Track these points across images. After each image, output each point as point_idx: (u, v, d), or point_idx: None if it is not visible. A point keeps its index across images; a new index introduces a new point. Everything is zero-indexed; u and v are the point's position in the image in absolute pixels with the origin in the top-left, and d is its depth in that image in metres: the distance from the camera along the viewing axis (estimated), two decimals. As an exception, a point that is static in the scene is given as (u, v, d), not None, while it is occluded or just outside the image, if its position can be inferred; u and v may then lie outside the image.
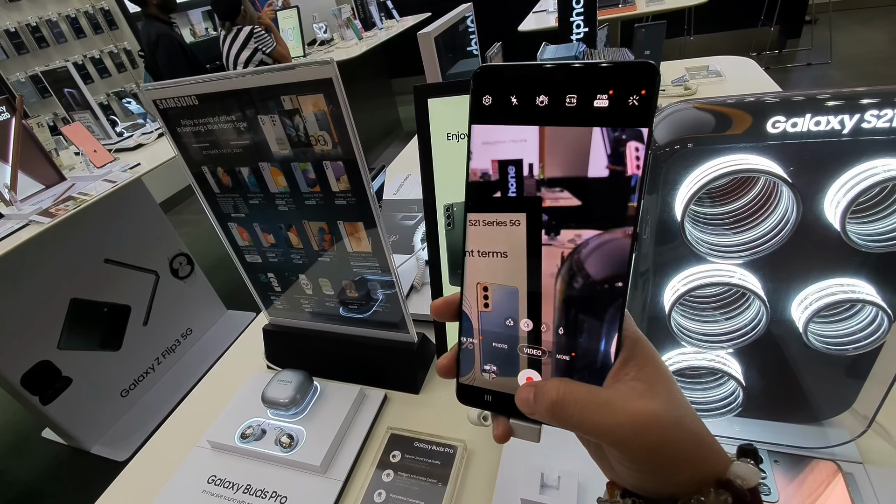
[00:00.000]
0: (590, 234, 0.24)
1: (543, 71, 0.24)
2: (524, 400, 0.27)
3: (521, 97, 0.24)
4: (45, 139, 2.08)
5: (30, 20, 3.45)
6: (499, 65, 0.25)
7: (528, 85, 0.24)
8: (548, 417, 0.25)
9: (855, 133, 0.38)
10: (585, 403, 0.24)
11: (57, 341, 1.88)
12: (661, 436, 0.23)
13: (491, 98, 0.25)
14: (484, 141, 0.25)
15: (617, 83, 0.22)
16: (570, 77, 0.23)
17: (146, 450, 0.76)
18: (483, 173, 0.26)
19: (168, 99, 0.60)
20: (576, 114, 0.23)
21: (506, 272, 0.27)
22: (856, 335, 0.47)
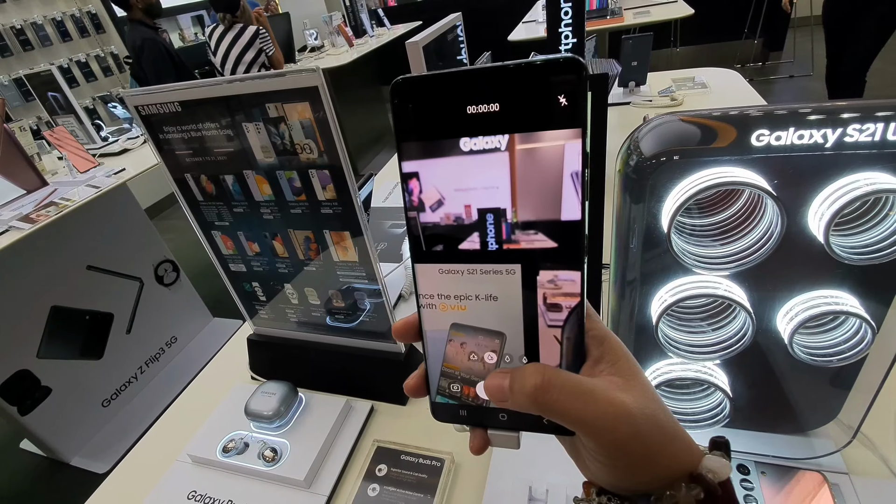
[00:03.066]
0: (539, 245, 0.24)
1: (467, 75, 0.22)
2: (496, 386, 0.25)
3: (446, 107, 0.22)
4: (27, 143, 2.04)
5: (14, 22, 3.40)
6: (418, 75, 0.23)
7: (454, 92, 0.22)
8: (528, 403, 0.24)
9: (838, 147, 0.38)
10: (570, 389, 0.23)
11: (36, 350, 1.83)
12: (635, 429, 0.23)
13: (415, 111, 0.23)
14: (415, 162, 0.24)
15: (545, 81, 0.21)
16: (496, 79, 0.22)
17: (125, 464, 0.73)
18: (425, 204, 0.24)
19: (151, 105, 0.59)
20: (507, 120, 0.22)
21: (458, 300, 0.26)
22: (840, 346, 0.47)
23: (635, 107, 1.58)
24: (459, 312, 0.26)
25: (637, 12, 2.96)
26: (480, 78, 0.22)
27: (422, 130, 0.23)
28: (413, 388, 0.29)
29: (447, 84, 0.22)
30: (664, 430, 0.24)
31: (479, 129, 0.22)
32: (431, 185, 0.24)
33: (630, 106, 1.59)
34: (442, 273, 0.26)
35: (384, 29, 4.58)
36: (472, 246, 0.25)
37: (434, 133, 0.23)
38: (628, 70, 1.61)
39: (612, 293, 0.54)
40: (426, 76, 0.23)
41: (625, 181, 0.46)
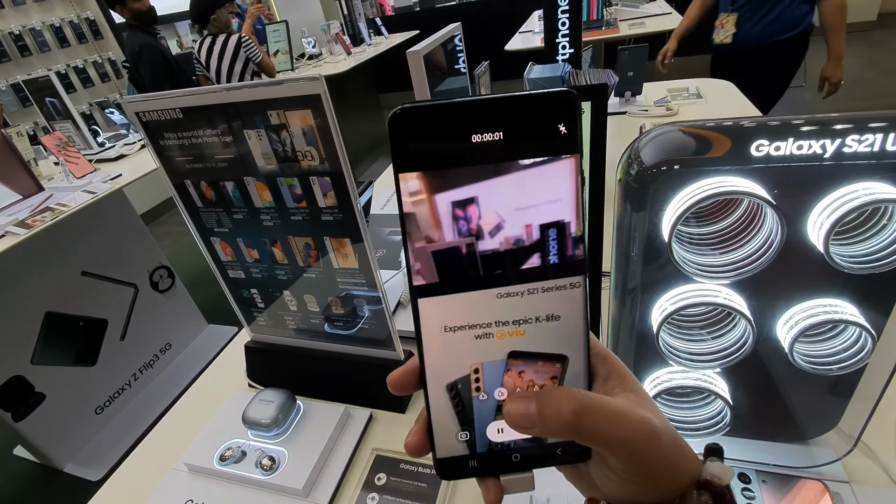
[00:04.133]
0: (546, 276, 0.24)
1: (471, 105, 0.22)
2: (521, 414, 0.23)
3: (450, 137, 0.22)
4: (24, 148, 2.03)
5: (13, 28, 3.40)
6: (418, 104, 0.23)
7: (458, 122, 0.22)
8: (563, 429, 0.23)
9: (836, 157, 0.39)
10: (605, 412, 0.23)
11: (31, 356, 1.81)
12: (660, 444, 0.23)
13: (415, 142, 0.22)
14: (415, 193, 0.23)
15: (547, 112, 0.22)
16: (497, 111, 0.22)
17: (120, 472, 0.72)
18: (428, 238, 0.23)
19: (151, 111, 0.59)
20: (508, 149, 0.22)
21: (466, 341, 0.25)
22: (840, 355, 0.47)
23: (631, 116, 1.60)
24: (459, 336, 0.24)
25: (632, 24, 2.99)
26: (485, 108, 0.22)
27: (425, 160, 0.22)
28: (415, 447, 0.26)
29: (451, 113, 0.22)
30: (677, 441, 0.24)
31: (482, 158, 0.22)
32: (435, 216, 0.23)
33: (626, 115, 1.61)
34: (461, 305, 0.24)
35: (382, 38, 4.61)
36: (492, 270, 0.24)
37: (435, 164, 0.22)
38: (624, 80, 1.63)
39: (613, 301, 0.54)
40: (429, 105, 0.22)
41: (626, 190, 0.46)
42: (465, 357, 0.25)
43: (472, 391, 0.25)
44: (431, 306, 0.24)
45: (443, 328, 0.24)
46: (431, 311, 0.24)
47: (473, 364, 0.25)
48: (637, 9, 3.40)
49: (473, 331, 0.24)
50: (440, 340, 0.24)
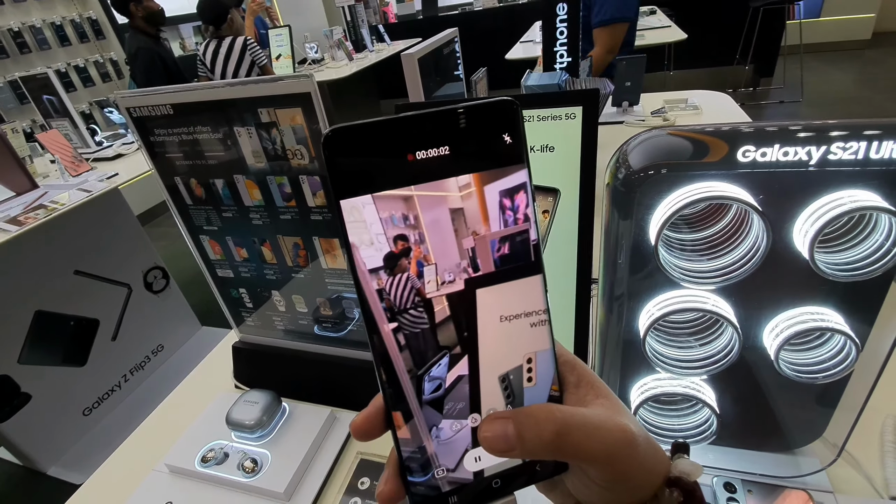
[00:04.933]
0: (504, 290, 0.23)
1: (406, 122, 0.21)
2: (500, 436, 0.22)
3: (386, 157, 0.21)
4: (18, 145, 2.03)
5: (12, 25, 3.41)
6: (352, 124, 0.21)
7: (397, 139, 0.21)
8: (545, 449, 0.22)
9: (821, 164, 0.39)
10: (586, 427, 0.22)
11: (18, 355, 1.79)
12: (638, 451, 0.23)
13: (352, 164, 0.21)
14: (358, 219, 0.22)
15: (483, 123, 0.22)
16: (436, 125, 0.21)
17: (99, 473, 0.71)
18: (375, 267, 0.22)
19: (142, 107, 0.59)
20: (453, 164, 0.22)
21: None
22: (825, 363, 0.47)
23: (628, 126, 1.61)
24: None
25: (631, 35, 3.02)
26: (422, 123, 0.21)
27: (363, 184, 0.21)
28: (390, 496, 0.23)
29: (387, 131, 0.21)
30: (650, 443, 0.24)
31: (424, 176, 0.21)
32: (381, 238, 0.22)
33: (623, 125, 1.62)
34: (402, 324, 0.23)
35: (384, 44, 4.64)
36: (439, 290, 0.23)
37: (376, 186, 0.21)
38: (622, 90, 1.64)
39: (601, 308, 0.54)
40: (363, 124, 0.21)
41: (613, 194, 0.46)
42: None
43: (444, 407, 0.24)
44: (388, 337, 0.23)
45: None
46: None
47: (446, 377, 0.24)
48: (636, 21, 3.42)
49: None
50: None
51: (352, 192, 0.21)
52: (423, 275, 0.23)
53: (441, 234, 0.23)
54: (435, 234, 0.22)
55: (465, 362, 0.24)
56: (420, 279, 0.23)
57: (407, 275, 0.23)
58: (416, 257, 0.23)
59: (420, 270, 0.23)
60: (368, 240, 0.22)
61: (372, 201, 0.21)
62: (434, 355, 0.24)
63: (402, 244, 0.22)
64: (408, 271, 0.23)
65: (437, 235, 0.23)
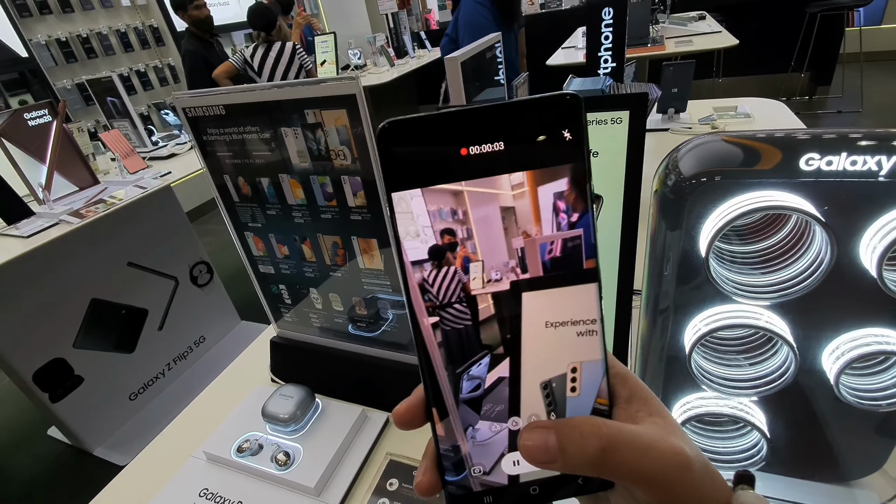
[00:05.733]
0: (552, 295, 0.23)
1: (461, 116, 0.21)
2: (540, 448, 0.21)
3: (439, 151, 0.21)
4: (83, 143, 2.16)
5: (81, 31, 3.65)
6: (407, 117, 0.21)
7: (451, 134, 0.21)
8: (588, 465, 0.21)
9: (892, 175, 0.36)
10: (635, 445, 0.21)
11: (73, 340, 1.91)
12: (693, 476, 0.21)
13: (405, 157, 0.21)
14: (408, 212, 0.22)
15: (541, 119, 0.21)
16: (492, 119, 0.21)
17: (142, 456, 0.74)
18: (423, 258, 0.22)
19: (197, 108, 0.62)
20: (507, 160, 0.21)
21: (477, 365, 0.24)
22: (890, 390, 0.43)
23: (674, 133, 1.56)
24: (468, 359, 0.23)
25: (679, 41, 2.93)
26: (478, 117, 0.21)
27: (415, 178, 0.21)
28: (427, 487, 0.24)
29: (442, 125, 0.21)
30: (709, 470, 0.22)
31: (476, 171, 0.21)
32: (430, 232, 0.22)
33: (669, 132, 1.57)
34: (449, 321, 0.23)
35: (425, 51, 4.69)
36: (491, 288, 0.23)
37: (428, 180, 0.21)
38: (668, 96, 1.59)
39: (643, 320, 0.52)
40: (419, 117, 0.21)
41: (661, 202, 0.44)
42: None
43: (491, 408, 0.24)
44: None
45: None
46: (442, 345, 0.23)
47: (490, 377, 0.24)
48: (685, 26, 3.33)
49: None
50: None
51: (403, 184, 0.21)
52: (469, 271, 0.22)
53: (490, 232, 0.22)
54: (483, 232, 0.22)
55: (507, 364, 0.23)
56: (465, 275, 0.22)
57: (453, 269, 0.22)
58: (463, 253, 0.22)
59: (465, 266, 0.22)
60: (415, 232, 0.22)
61: (421, 194, 0.21)
62: (474, 354, 0.23)
63: (448, 238, 0.22)
64: (453, 266, 0.22)
65: (486, 233, 0.22)
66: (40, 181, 1.81)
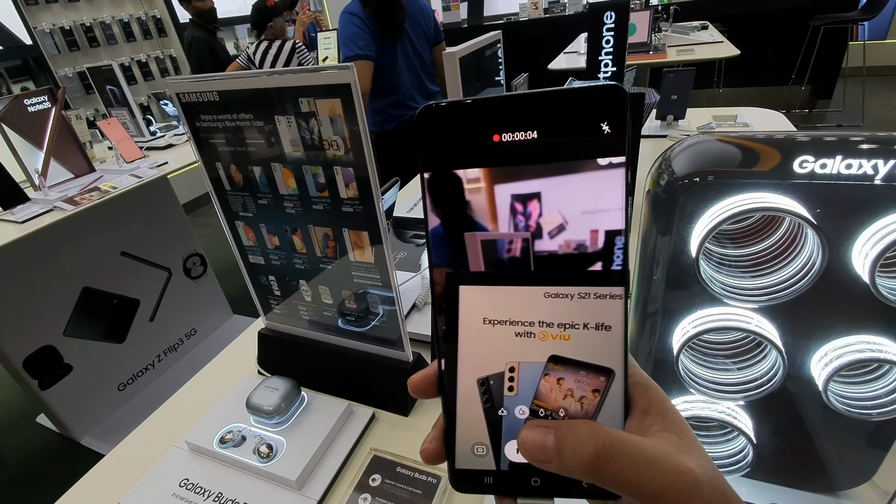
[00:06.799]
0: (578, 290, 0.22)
1: (500, 102, 0.21)
2: (537, 446, 0.21)
3: (479, 135, 0.21)
4: (81, 131, 2.15)
5: (84, 20, 3.64)
6: (447, 101, 0.22)
7: (488, 120, 0.21)
8: (582, 470, 0.21)
9: (889, 179, 0.35)
10: (634, 457, 0.20)
11: (64, 328, 1.89)
12: (698, 499, 0.20)
13: (442, 141, 0.22)
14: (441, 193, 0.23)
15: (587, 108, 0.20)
16: (529, 108, 0.21)
17: (124, 445, 0.73)
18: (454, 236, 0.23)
19: (190, 93, 0.61)
20: (541, 150, 0.21)
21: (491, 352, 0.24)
22: (880, 399, 0.43)
23: (671, 140, 1.56)
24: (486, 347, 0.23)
25: (681, 50, 2.94)
26: (518, 104, 0.21)
27: (450, 162, 0.22)
28: (431, 454, 0.24)
29: (480, 111, 0.21)
30: (726, 495, 0.21)
31: (512, 159, 0.21)
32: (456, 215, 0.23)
33: (667, 139, 1.57)
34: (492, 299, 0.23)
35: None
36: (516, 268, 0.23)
37: (463, 164, 0.22)
38: (667, 103, 1.59)
39: (632, 322, 0.51)
40: (457, 103, 0.22)
41: (653, 202, 0.44)
42: (501, 354, 0.23)
43: (504, 392, 0.24)
44: (473, 296, 0.23)
45: (483, 320, 0.23)
46: (473, 302, 0.23)
47: (509, 362, 0.23)
48: (688, 35, 3.34)
49: (514, 327, 0.23)
50: (478, 333, 0.23)
51: (437, 166, 0.22)
52: (490, 252, 0.23)
53: (515, 219, 0.22)
54: (510, 219, 0.22)
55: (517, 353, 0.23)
56: (486, 255, 0.23)
57: (476, 248, 0.23)
58: (488, 237, 0.23)
59: (488, 249, 0.23)
60: (444, 213, 0.23)
61: (453, 177, 0.22)
62: None
63: (473, 220, 0.23)
64: (477, 247, 0.23)
65: (513, 220, 0.22)
66: (37, 167, 1.80)
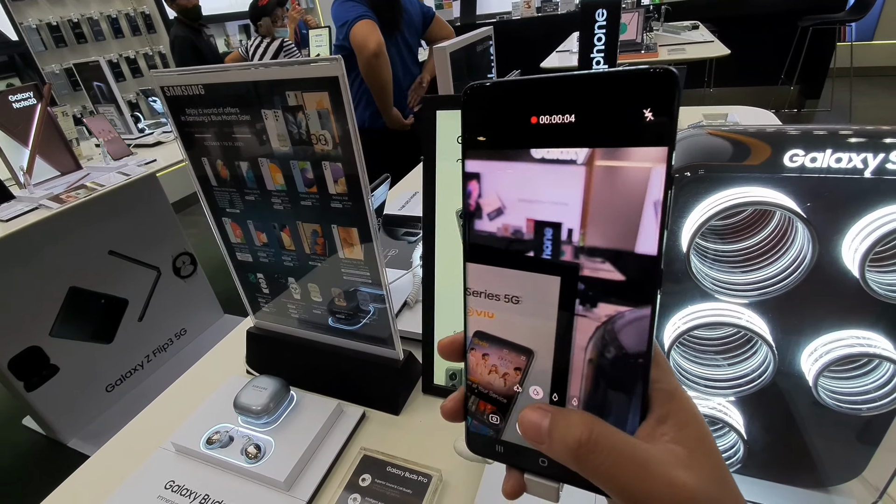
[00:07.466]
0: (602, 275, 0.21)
1: (545, 83, 0.21)
2: (533, 425, 0.22)
3: (518, 117, 0.21)
4: (67, 128, 2.12)
5: (72, 16, 3.59)
6: (492, 81, 0.22)
7: (528, 102, 0.21)
8: (566, 456, 0.21)
9: (879, 172, 0.35)
10: (621, 455, 0.20)
11: (50, 328, 1.86)
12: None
13: (486, 119, 0.22)
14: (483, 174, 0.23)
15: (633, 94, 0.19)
16: (578, 89, 0.20)
17: (109, 446, 0.72)
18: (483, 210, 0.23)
19: (176, 86, 0.60)
20: (582, 134, 0.20)
21: (513, 328, 0.24)
22: (870, 394, 0.43)
23: (664, 138, 1.56)
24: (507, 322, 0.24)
25: (672, 49, 2.95)
26: (560, 87, 0.20)
27: (491, 140, 0.22)
28: (450, 412, 0.27)
29: (522, 92, 0.21)
30: None
31: (553, 142, 0.21)
32: (494, 191, 0.23)
33: (659, 137, 1.57)
34: (493, 280, 0.24)
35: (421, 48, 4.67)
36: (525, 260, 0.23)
37: (503, 143, 0.22)
38: (659, 101, 1.59)
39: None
40: (502, 83, 0.22)
41: (645, 196, 0.43)
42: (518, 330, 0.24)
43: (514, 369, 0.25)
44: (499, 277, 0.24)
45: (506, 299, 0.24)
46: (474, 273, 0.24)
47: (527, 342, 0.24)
48: (679, 35, 3.36)
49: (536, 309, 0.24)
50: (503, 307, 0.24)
51: (479, 145, 0.22)
52: (519, 236, 0.23)
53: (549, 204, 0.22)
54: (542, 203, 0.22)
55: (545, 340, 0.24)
56: (516, 239, 0.23)
57: (509, 229, 0.23)
58: (520, 221, 0.23)
59: (519, 231, 0.23)
60: (482, 191, 0.23)
61: (491, 156, 0.22)
62: None
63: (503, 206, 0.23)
64: (511, 228, 0.23)
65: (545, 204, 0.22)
66: (22, 164, 1.77)
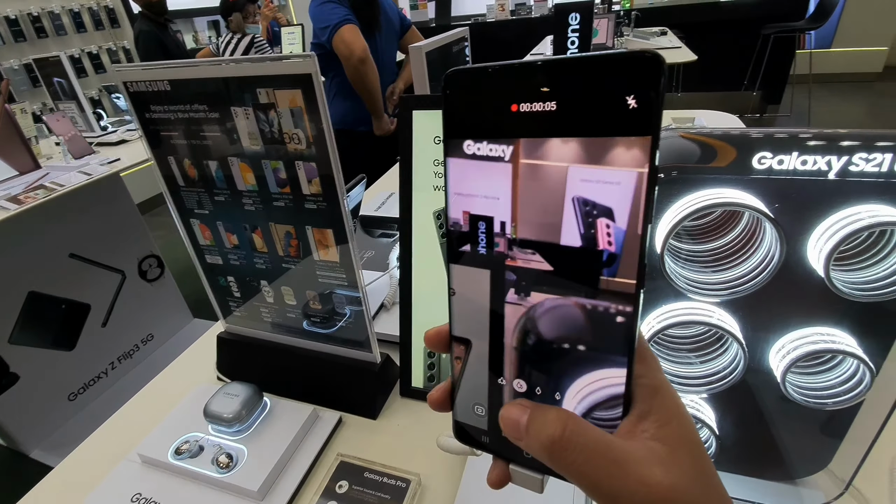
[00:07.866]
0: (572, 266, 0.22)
1: (526, 68, 0.20)
2: (512, 422, 0.22)
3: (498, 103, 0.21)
4: (26, 126, 2.02)
5: (31, 9, 3.43)
6: (474, 66, 0.22)
7: (510, 88, 0.20)
8: (541, 452, 0.21)
9: (842, 174, 0.36)
10: (594, 453, 0.20)
11: (9, 335, 1.77)
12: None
13: (466, 106, 0.22)
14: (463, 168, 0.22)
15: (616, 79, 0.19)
16: (562, 74, 0.19)
17: (71, 458, 0.69)
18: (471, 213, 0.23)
19: (139, 82, 0.57)
20: (562, 122, 0.20)
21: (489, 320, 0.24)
22: (835, 389, 0.44)
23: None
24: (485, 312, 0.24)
25: (644, 53, 3.02)
26: (542, 72, 0.20)
27: (470, 128, 0.22)
28: (437, 402, 0.27)
29: (503, 78, 0.21)
30: None
31: (536, 130, 0.20)
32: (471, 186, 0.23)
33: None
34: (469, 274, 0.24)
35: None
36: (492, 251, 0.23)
37: (482, 132, 0.22)
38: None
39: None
40: (483, 67, 0.21)
41: (620, 197, 0.44)
42: None
43: None
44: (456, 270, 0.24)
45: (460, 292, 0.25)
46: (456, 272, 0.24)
47: None
48: (648, 40, 3.44)
49: None
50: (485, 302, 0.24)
51: (461, 132, 0.22)
52: (499, 229, 0.23)
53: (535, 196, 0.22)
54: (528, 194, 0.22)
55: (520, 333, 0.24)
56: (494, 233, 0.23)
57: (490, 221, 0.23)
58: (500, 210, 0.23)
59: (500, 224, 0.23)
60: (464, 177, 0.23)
61: (472, 144, 0.22)
62: None
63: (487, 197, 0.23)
64: (492, 218, 0.23)
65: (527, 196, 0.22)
66: (-26, 163, 1.68)
